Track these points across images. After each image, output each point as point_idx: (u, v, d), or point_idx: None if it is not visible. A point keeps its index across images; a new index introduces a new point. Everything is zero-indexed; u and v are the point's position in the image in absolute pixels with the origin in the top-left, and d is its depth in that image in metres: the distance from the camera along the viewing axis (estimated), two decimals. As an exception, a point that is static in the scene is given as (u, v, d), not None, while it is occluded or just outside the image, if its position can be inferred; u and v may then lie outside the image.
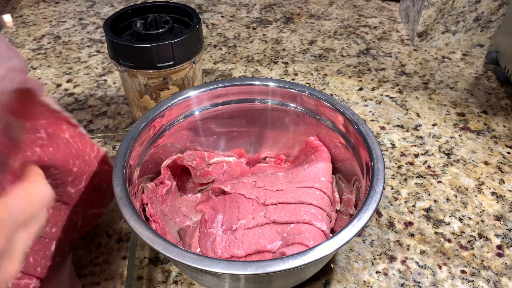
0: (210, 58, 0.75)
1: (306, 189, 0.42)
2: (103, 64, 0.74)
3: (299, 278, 0.39)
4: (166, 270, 0.43)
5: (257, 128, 0.50)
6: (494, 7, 0.72)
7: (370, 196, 0.35)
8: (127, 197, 0.35)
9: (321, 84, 0.69)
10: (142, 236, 0.32)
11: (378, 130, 0.60)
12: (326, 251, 0.31)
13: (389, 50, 0.77)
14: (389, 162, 0.55)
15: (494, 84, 0.69)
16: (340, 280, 0.42)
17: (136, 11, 0.53)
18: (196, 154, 0.47)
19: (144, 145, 0.43)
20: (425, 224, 0.47)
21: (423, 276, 0.42)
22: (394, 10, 0.91)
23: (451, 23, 0.74)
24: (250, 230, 0.40)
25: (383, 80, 0.70)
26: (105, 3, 0.95)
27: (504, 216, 0.48)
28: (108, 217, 0.48)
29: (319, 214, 0.39)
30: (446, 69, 0.72)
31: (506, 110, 0.63)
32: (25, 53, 0.77)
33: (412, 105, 0.64)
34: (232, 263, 0.31)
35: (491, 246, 0.45)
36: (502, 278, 0.42)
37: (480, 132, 0.59)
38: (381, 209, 0.49)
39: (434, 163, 0.55)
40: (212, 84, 0.47)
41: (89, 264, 0.43)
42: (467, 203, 0.50)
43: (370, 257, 0.44)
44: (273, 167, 0.50)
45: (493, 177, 0.53)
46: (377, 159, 0.38)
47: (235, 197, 0.44)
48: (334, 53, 0.77)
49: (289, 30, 0.84)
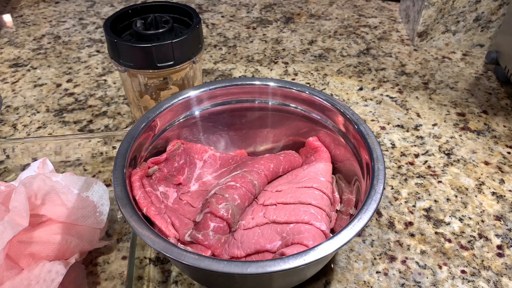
0: (210, 58, 0.75)
1: (305, 189, 0.42)
2: (103, 64, 0.74)
3: (299, 278, 0.39)
4: (166, 270, 0.43)
5: (257, 128, 0.50)
6: (494, 7, 0.72)
7: (370, 196, 0.35)
8: (127, 197, 0.35)
9: (321, 84, 0.69)
10: (142, 236, 0.32)
11: (378, 130, 0.60)
12: (327, 251, 0.31)
13: (389, 50, 0.77)
14: (389, 162, 0.55)
15: (494, 84, 0.69)
16: (340, 280, 0.42)
17: (136, 11, 0.53)
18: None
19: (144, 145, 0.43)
20: (425, 224, 0.47)
21: (423, 276, 0.42)
22: (394, 10, 0.91)
23: (451, 23, 0.74)
24: (249, 230, 0.40)
25: (383, 80, 0.70)
26: (105, 3, 0.95)
27: (504, 216, 0.48)
28: (108, 217, 0.48)
29: (319, 214, 0.39)
30: (446, 69, 0.72)
31: (506, 110, 0.63)
32: (25, 53, 0.77)
33: (412, 105, 0.64)
34: (232, 263, 0.31)
35: (491, 246, 0.45)
36: (502, 278, 0.42)
37: (480, 132, 0.59)
38: (381, 209, 0.49)
39: (434, 163, 0.55)
40: (212, 84, 0.47)
41: (89, 264, 0.43)
42: (467, 203, 0.50)
43: (370, 257, 0.44)
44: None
45: (493, 177, 0.53)
46: (377, 159, 0.38)
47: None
48: (334, 53, 0.77)
49: (289, 30, 0.84)
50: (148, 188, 0.40)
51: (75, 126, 0.60)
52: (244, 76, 0.71)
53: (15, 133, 0.59)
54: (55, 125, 0.60)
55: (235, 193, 0.40)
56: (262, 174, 0.43)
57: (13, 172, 0.51)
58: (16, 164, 0.51)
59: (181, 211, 0.42)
